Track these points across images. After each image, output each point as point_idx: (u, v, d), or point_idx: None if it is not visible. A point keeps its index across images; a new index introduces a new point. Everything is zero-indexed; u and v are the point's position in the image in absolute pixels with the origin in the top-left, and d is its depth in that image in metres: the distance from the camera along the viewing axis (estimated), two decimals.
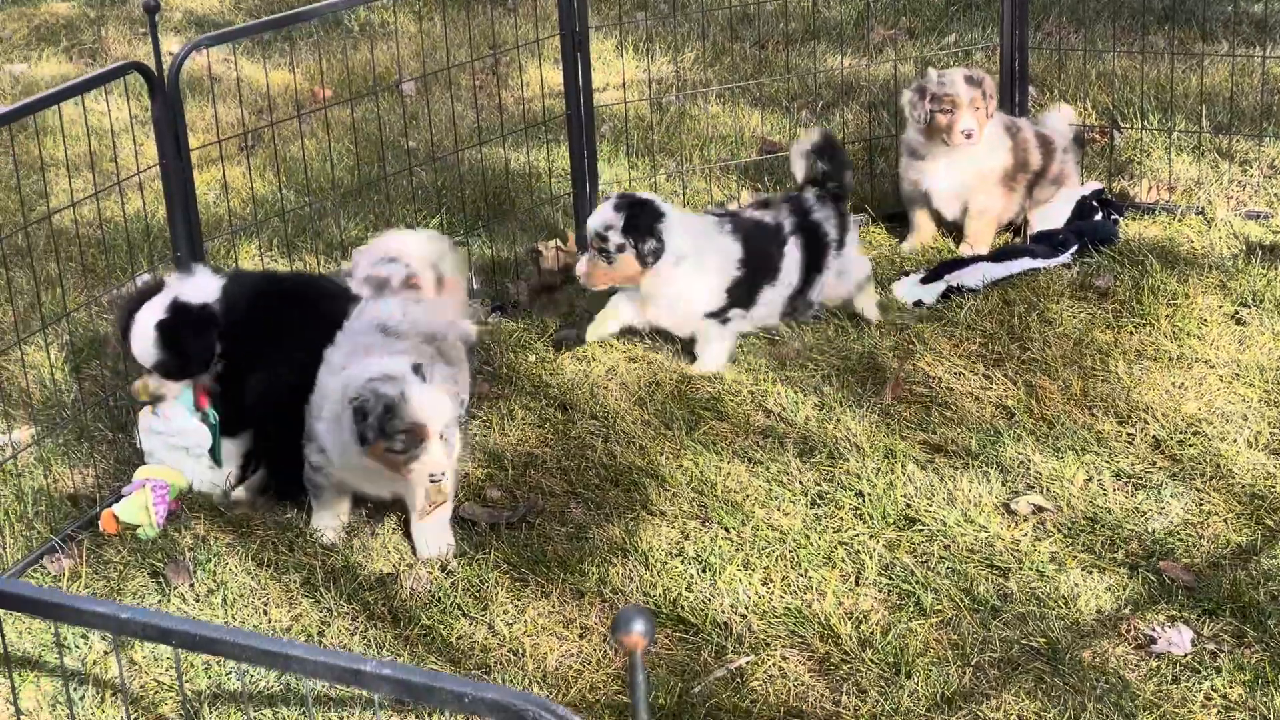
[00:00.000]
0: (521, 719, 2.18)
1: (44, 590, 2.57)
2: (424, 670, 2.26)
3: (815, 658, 4.21)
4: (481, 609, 4.47)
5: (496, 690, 2.21)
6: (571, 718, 2.15)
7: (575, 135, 6.33)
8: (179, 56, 5.18)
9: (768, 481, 4.95)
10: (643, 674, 2.12)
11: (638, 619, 2.11)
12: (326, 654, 2.31)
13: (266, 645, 2.36)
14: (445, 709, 2.18)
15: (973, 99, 6.20)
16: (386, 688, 2.27)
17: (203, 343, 4.98)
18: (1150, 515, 4.68)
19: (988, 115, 6.25)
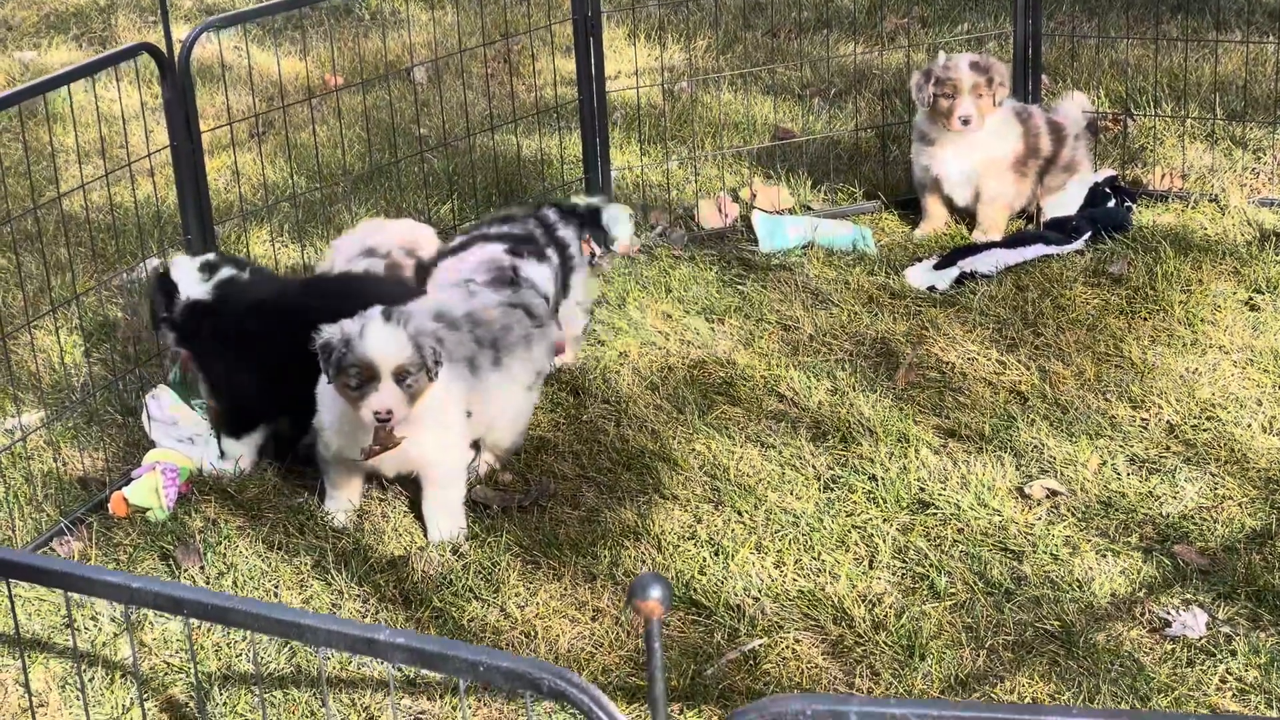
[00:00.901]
0: (537, 687, 2.16)
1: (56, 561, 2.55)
2: (438, 639, 2.24)
3: (829, 640, 4.19)
4: (493, 591, 4.46)
5: (511, 659, 2.19)
6: (587, 686, 2.13)
7: (587, 121, 6.31)
8: (190, 37, 5.17)
9: (781, 465, 4.93)
10: (659, 641, 2.10)
11: (655, 585, 2.09)
12: (340, 623, 2.29)
13: (279, 614, 2.34)
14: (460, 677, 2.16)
15: (975, 85, 6.17)
16: (400, 656, 2.25)
17: None
18: (1164, 499, 4.66)
19: (995, 102, 6.22)
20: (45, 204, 6.34)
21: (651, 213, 6.68)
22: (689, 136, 7.38)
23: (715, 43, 8.64)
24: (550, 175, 6.92)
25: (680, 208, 6.73)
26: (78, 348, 5.78)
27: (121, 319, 6.02)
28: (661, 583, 2.11)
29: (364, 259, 5.38)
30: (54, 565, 2.49)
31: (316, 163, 7.09)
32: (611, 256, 6.34)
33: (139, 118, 7.47)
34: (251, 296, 5.04)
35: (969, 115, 6.16)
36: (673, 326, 5.82)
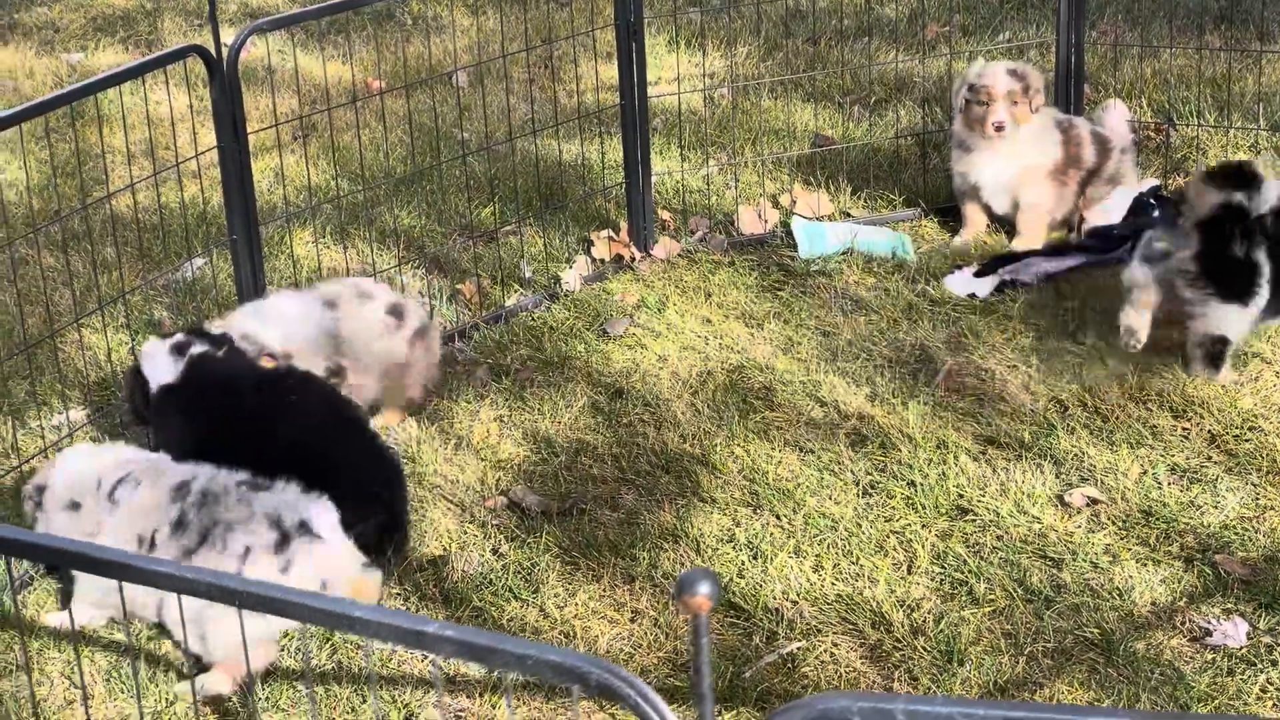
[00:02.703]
0: (584, 680, 2.18)
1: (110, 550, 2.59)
2: (487, 632, 2.27)
3: (867, 644, 4.20)
4: (533, 592, 4.48)
5: (559, 652, 2.22)
6: (635, 680, 2.15)
7: (628, 126, 6.34)
8: (239, 38, 5.22)
9: (819, 470, 4.94)
10: (706, 636, 2.12)
11: (702, 581, 2.11)
12: (390, 614, 2.32)
13: (330, 606, 2.37)
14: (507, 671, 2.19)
15: (1009, 92, 6.17)
16: (449, 649, 2.27)
17: None
18: (1205, 509, 4.65)
19: (1033, 110, 6.22)
20: (94, 203, 6.41)
21: (691, 218, 6.70)
22: (729, 142, 7.40)
23: (756, 49, 8.65)
24: (591, 180, 6.95)
25: (720, 213, 6.75)
26: (124, 345, 5.83)
27: (166, 317, 6.07)
28: (709, 578, 2.13)
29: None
30: (108, 555, 2.52)
31: (360, 165, 7.14)
32: (651, 261, 6.36)
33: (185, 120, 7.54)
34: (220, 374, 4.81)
35: (1002, 122, 6.17)
36: (712, 331, 5.84)
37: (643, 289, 6.17)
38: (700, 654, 2.16)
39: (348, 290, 5.37)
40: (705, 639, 2.15)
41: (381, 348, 5.27)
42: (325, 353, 5.21)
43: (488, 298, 6.16)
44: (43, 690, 4.20)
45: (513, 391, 5.49)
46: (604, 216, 6.74)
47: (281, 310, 5.20)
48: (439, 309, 6.06)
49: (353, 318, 5.28)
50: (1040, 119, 6.31)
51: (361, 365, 5.25)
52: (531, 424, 5.30)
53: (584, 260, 6.41)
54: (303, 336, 5.14)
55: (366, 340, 5.25)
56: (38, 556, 2.66)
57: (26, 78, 9.02)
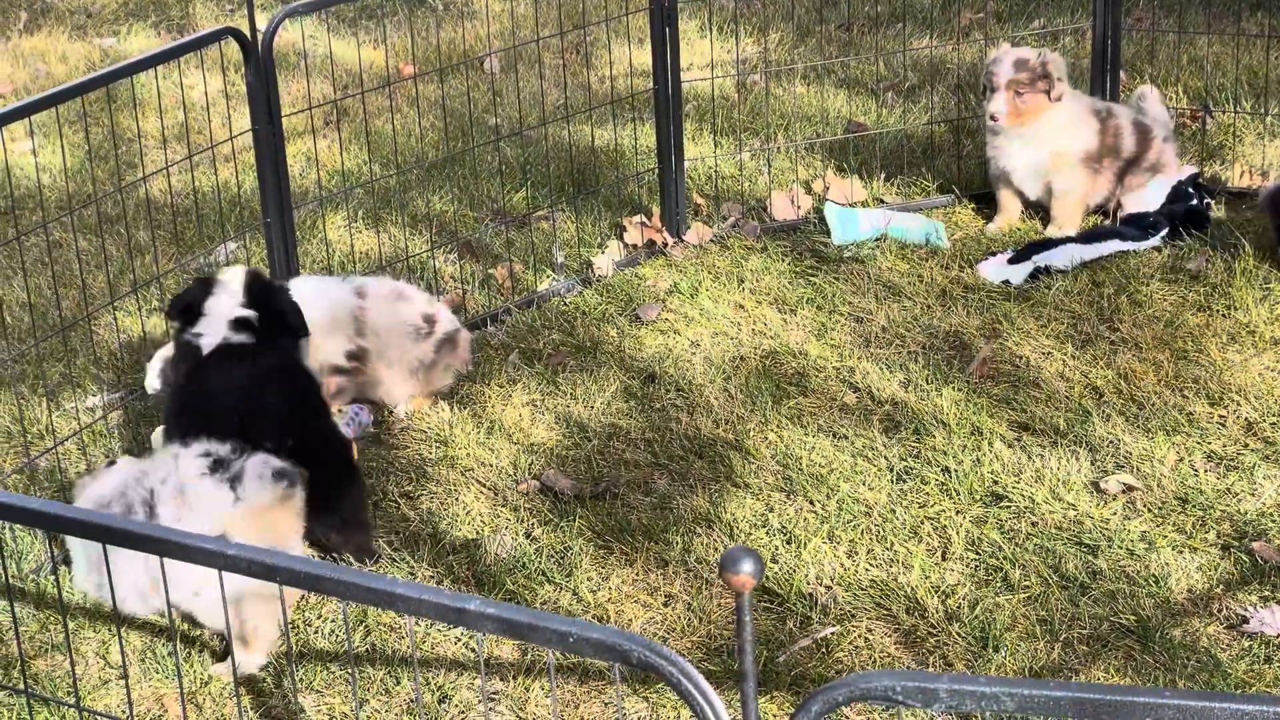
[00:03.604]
0: (626, 658, 2.18)
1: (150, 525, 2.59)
2: (528, 609, 2.27)
3: (901, 630, 4.19)
4: (566, 575, 4.48)
5: (600, 630, 2.21)
6: (677, 659, 2.15)
7: (661, 111, 6.32)
8: (274, 21, 5.23)
9: (853, 456, 4.93)
10: (749, 615, 2.12)
11: (746, 559, 2.11)
12: (431, 592, 2.32)
13: (371, 583, 2.37)
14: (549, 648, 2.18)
15: (1011, 81, 6.09)
16: (491, 626, 2.27)
17: None
18: (1242, 496, 4.62)
19: (1053, 98, 6.13)
20: (128, 187, 6.43)
21: (724, 204, 6.69)
22: (762, 128, 7.38)
23: (788, 35, 8.63)
24: (623, 165, 6.94)
25: (753, 199, 6.73)
26: (158, 328, 5.85)
27: None
28: (752, 556, 2.12)
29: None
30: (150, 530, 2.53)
31: (393, 150, 7.14)
32: (684, 246, 6.35)
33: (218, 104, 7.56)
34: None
35: (996, 113, 6.11)
36: (745, 317, 5.83)
37: (675, 274, 6.16)
38: (743, 631, 2.15)
39: (384, 287, 5.38)
40: (748, 616, 2.15)
41: (409, 349, 5.28)
42: (346, 334, 5.21)
43: (520, 283, 6.15)
44: (79, 669, 4.22)
45: (545, 376, 5.49)
46: (636, 202, 6.73)
47: (300, 292, 5.18)
48: (471, 293, 6.06)
49: (383, 312, 5.28)
50: (1072, 105, 6.25)
51: (386, 360, 5.26)
52: (564, 408, 5.29)
53: (616, 245, 6.40)
54: (319, 316, 5.11)
55: (397, 338, 5.27)
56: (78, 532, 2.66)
57: (60, 62, 9.06)
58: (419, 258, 6.23)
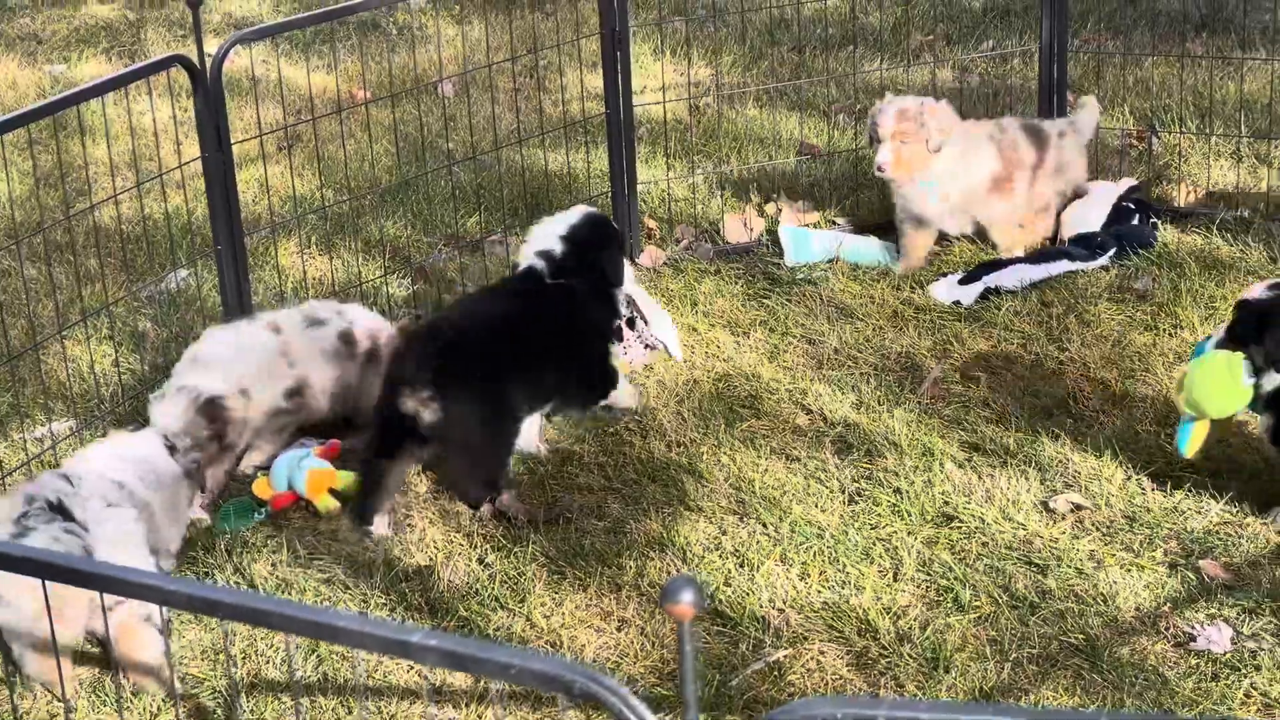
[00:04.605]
0: (568, 689, 2.18)
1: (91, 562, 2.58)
2: (472, 640, 2.27)
3: (853, 652, 4.20)
4: (519, 601, 4.48)
5: (544, 660, 2.22)
6: (618, 688, 2.15)
7: (614, 135, 6.34)
8: (222, 50, 5.22)
9: (805, 478, 4.95)
10: (691, 645, 2.13)
11: (686, 589, 2.11)
12: (374, 624, 2.32)
13: (314, 616, 2.37)
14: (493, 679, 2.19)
15: (897, 131, 6.07)
16: (434, 658, 2.27)
17: None
18: (1189, 514, 4.66)
19: (930, 148, 6.06)
20: (77, 215, 6.40)
21: (677, 227, 6.71)
22: (715, 151, 7.41)
23: (741, 58, 8.67)
24: (576, 189, 6.96)
25: (706, 222, 6.76)
26: (107, 357, 5.82)
27: (150, 329, 6.06)
28: (693, 586, 2.13)
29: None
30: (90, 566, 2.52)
31: (345, 176, 7.14)
32: (637, 269, 6.36)
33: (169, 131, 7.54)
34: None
35: (883, 163, 6.09)
36: (698, 339, 5.85)
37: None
38: (685, 661, 2.16)
39: (295, 316, 5.33)
40: (690, 646, 2.16)
41: (333, 373, 5.28)
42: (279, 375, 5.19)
43: None
44: (25, 703, 4.19)
45: None
46: None
47: (215, 353, 5.16)
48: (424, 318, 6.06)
49: (301, 340, 5.25)
50: (965, 139, 6.18)
51: (315, 390, 5.25)
52: None
53: None
54: (246, 368, 5.12)
55: (319, 365, 5.25)
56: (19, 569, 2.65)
57: (9, 89, 9.01)
58: (372, 283, 6.22)
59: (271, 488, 5.01)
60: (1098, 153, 7.09)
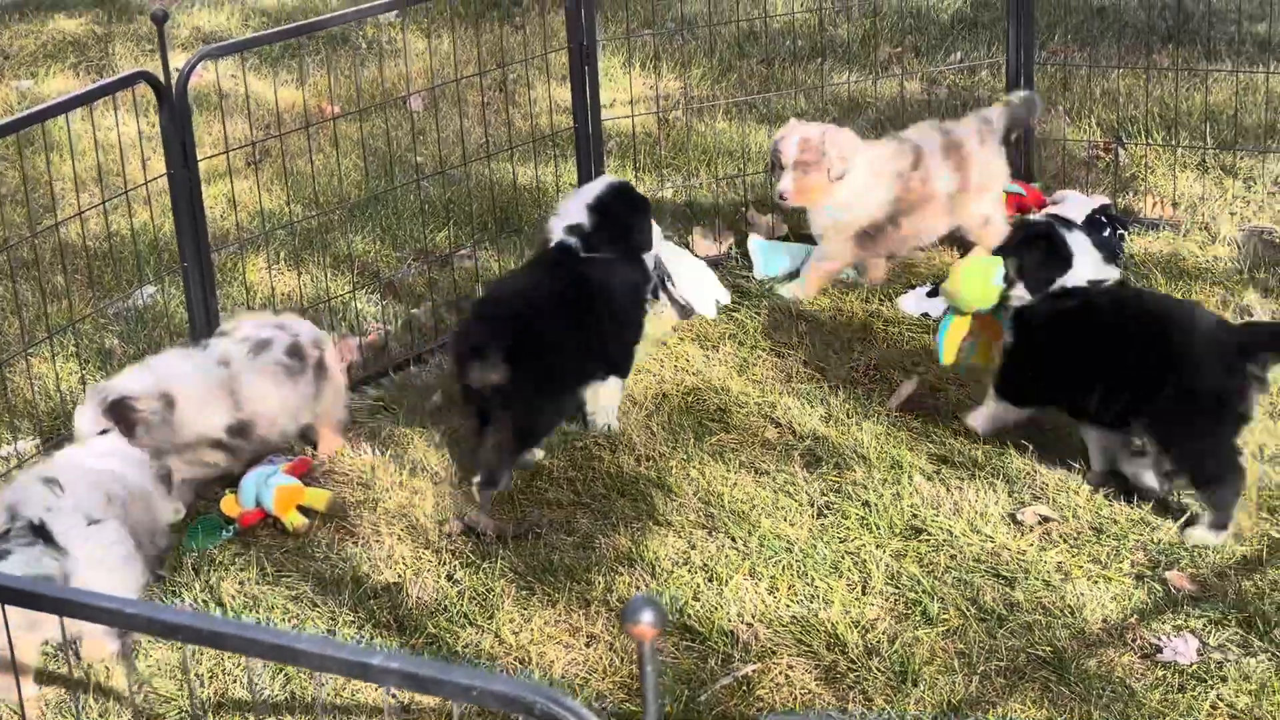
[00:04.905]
0: (530, 710, 2.18)
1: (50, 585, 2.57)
2: (432, 662, 2.26)
3: (822, 666, 4.20)
4: (488, 617, 4.47)
5: (504, 682, 2.21)
6: (579, 709, 2.15)
7: (582, 148, 6.35)
8: (187, 65, 5.20)
9: (774, 492, 4.95)
10: (652, 665, 2.12)
11: (646, 609, 2.11)
12: (334, 647, 2.31)
13: (274, 639, 2.36)
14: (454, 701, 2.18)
15: (799, 160, 6.07)
16: (394, 680, 2.26)
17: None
18: (1156, 525, 4.68)
19: (831, 177, 6.06)
20: (43, 231, 6.37)
21: None
22: (684, 164, 7.42)
23: (710, 71, 8.68)
24: (546, 203, 6.95)
25: (675, 236, 6.75)
26: (74, 375, 5.79)
27: (117, 346, 6.04)
28: (653, 606, 2.13)
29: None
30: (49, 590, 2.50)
31: (313, 191, 7.12)
32: None
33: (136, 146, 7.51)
34: None
35: (785, 191, 6.11)
36: (667, 353, 5.85)
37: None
38: (647, 682, 2.16)
39: (240, 347, 5.22)
40: (651, 666, 2.15)
41: (289, 394, 5.22)
42: (221, 406, 5.09)
43: (443, 322, 6.14)
44: None
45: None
46: None
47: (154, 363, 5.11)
48: (394, 333, 6.05)
49: (249, 376, 5.16)
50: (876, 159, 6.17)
51: (265, 423, 5.17)
52: None
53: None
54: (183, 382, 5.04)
55: (269, 394, 5.18)
56: None
57: None
58: (341, 298, 6.21)
59: (239, 505, 4.99)
60: (1065, 164, 7.14)
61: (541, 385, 5.02)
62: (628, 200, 5.49)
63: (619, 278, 5.35)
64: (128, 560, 4.28)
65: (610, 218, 5.40)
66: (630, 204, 5.49)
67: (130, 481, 4.56)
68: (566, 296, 5.18)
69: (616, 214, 5.42)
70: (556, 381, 5.09)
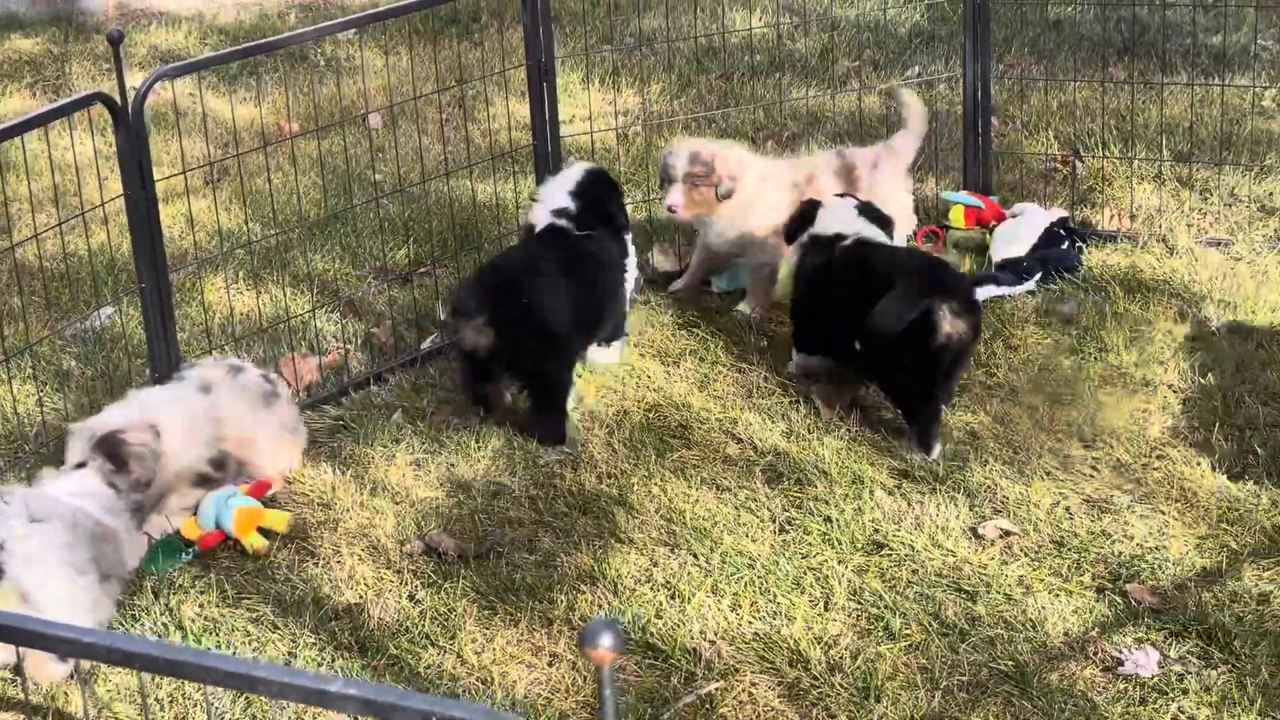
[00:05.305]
0: None
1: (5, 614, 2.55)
2: (390, 688, 2.25)
3: (784, 683, 4.20)
4: (450, 638, 4.45)
5: (463, 708, 2.20)
6: None
7: (541, 165, 6.34)
8: (143, 86, 5.17)
9: (736, 508, 4.95)
10: (611, 688, 2.12)
11: (604, 632, 2.11)
12: (292, 674, 2.29)
13: (232, 667, 2.34)
14: None
15: (688, 174, 6.10)
16: (352, 707, 2.25)
17: None
18: (1116, 538, 4.70)
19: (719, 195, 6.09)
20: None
21: None
22: (643, 180, 7.42)
23: (669, 86, 8.70)
24: (506, 220, 6.95)
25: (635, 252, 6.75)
26: (31, 397, 5.75)
27: (75, 368, 5.99)
28: (612, 629, 2.12)
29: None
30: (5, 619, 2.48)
31: (272, 209, 7.09)
32: None
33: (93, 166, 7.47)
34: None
35: (674, 205, 6.15)
36: (628, 370, 5.84)
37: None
38: (606, 705, 2.15)
39: (219, 369, 5.24)
40: (610, 690, 2.15)
41: (269, 418, 5.23)
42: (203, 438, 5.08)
43: (403, 341, 6.13)
44: None
45: (429, 435, 5.46)
46: None
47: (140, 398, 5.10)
48: (354, 352, 6.03)
49: (230, 394, 5.17)
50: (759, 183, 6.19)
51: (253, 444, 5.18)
52: (448, 467, 5.27)
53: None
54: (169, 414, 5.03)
55: (252, 413, 5.19)
56: None
57: None
58: (300, 318, 6.18)
59: (199, 527, 4.95)
60: (1023, 177, 7.18)
61: (543, 348, 5.40)
62: (606, 184, 5.94)
63: (608, 253, 5.78)
64: (65, 562, 4.27)
65: (592, 200, 5.80)
66: (608, 187, 5.94)
67: (99, 518, 4.54)
68: (562, 266, 5.56)
69: (597, 196, 5.83)
70: (555, 344, 5.43)
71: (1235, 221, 6.71)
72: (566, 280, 5.53)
